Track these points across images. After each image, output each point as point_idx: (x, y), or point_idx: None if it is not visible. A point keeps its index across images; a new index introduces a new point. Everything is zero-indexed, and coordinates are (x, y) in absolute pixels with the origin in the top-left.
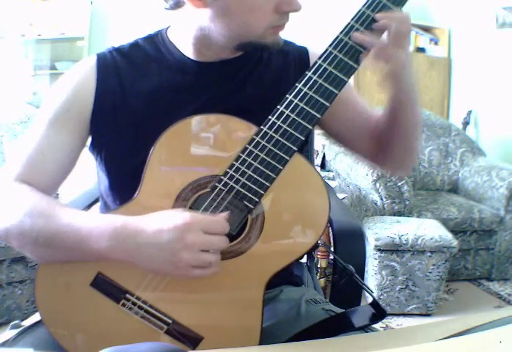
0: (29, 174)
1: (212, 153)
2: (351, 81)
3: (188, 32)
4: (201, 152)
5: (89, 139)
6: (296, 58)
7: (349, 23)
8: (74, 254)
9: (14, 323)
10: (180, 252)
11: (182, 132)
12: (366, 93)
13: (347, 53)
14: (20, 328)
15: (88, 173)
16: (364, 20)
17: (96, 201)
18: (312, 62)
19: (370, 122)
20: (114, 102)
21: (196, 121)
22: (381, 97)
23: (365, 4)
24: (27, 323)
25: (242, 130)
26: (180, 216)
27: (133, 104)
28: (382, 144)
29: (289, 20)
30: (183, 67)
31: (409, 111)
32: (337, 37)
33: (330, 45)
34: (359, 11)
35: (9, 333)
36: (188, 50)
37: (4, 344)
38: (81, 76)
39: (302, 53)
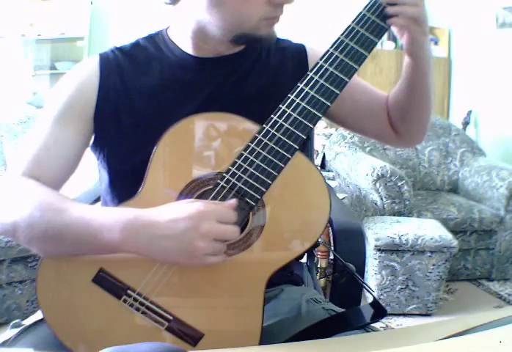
0: (36, 170)
1: (215, 151)
2: (357, 76)
3: (186, 27)
4: (204, 150)
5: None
6: (294, 55)
7: (350, 26)
8: (84, 247)
9: (14, 322)
10: (196, 241)
11: (185, 130)
12: None
13: (348, 55)
14: (21, 328)
15: (88, 173)
16: (365, 22)
17: (97, 200)
18: (310, 58)
19: (378, 102)
20: (116, 100)
21: (199, 119)
22: None
23: (366, 6)
24: (27, 322)
25: (244, 129)
26: (193, 205)
27: (135, 102)
28: (397, 119)
29: (283, 12)
30: (182, 63)
31: (428, 77)
32: (339, 38)
33: (331, 47)
34: (360, 13)
35: (9, 332)
36: (188, 46)
37: (5, 343)
38: (84, 74)
39: (300, 49)
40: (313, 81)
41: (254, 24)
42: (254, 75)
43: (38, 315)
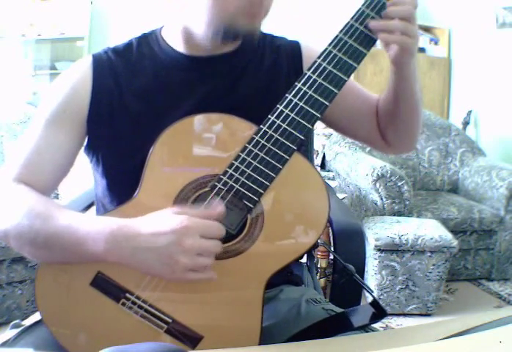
0: (27, 175)
1: (212, 152)
2: (351, 79)
3: (177, 26)
4: (201, 152)
5: (86, 140)
6: (288, 52)
7: (348, 22)
8: (71, 255)
9: (14, 322)
10: (177, 256)
11: (181, 131)
12: None
13: (346, 52)
14: (21, 328)
15: (88, 173)
16: (364, 19)
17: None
18: (304, 55)
19: (370, 107)
20: (110, 101)
21: (195, 120)
22: None
23: (365, 3)
24: (27, 322)
25: (242, 130)
26: (178, 219)
27: (129, 103)
28: (385, 126)
29: (266, 9)
30: (175, 63)
31: (415, 86)
32: (337, 36)
33: (330, 44)
34: (358, 10)
35: (9, 333)
36: (180, 45)
37: (5, 344)
38: (77, 77)
39: (294, 46)
40: (311, 80)
41: (230, 18)
42: (249, 74)
43: (38, 315)
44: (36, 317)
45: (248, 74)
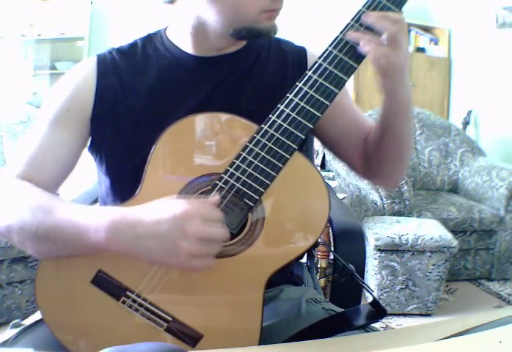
0: (30, 173)
1: (213, 151)
2: (351, 81)
3: (185, 25)
4: (202, 151)
5: (89, 140)
6: (295, 57)
7: (349, 23)
8: (74, 247)
9: (14, 322)
10: (180, 242)
11: (183, 130)
12: (366, 93)
13: (347, 53)
14: (21, 328)
15: (88, 173)
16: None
17: (96, 201)
18: (310, 62)
19: (362, 130)
20: (114, 101)
21: (197, 119)
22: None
23: (365, 4)
24: (27, 322)
25: (243, 129)
26: (179, 205)
27: (132, 103)
28: (371, 155)
29: (282, 5)
30: (181, 62)
31: (401, 121)
32: (337, 36)
33: (330, 45)
34: (359, 11)
35: (9, 332)
36: (187, 45)
37: (5, 343)
38: (81, 76)
39: (300, 52)
40: (312, 80)
41: (254, 17)
42: (253, 75)
43: (38, 315)
44: (36, 316)
45: (253, 76)
